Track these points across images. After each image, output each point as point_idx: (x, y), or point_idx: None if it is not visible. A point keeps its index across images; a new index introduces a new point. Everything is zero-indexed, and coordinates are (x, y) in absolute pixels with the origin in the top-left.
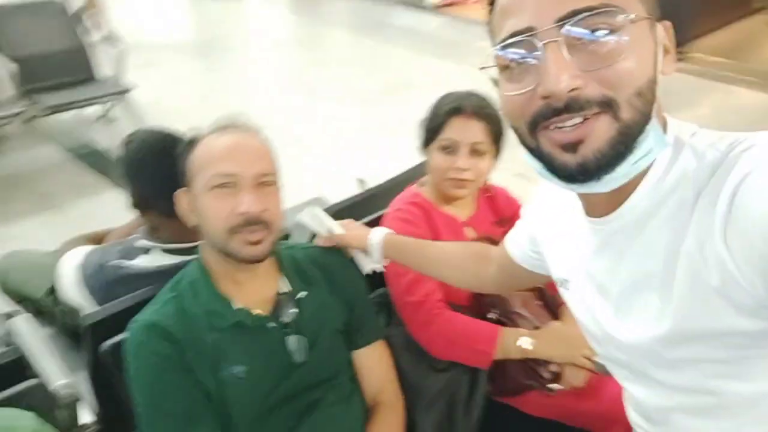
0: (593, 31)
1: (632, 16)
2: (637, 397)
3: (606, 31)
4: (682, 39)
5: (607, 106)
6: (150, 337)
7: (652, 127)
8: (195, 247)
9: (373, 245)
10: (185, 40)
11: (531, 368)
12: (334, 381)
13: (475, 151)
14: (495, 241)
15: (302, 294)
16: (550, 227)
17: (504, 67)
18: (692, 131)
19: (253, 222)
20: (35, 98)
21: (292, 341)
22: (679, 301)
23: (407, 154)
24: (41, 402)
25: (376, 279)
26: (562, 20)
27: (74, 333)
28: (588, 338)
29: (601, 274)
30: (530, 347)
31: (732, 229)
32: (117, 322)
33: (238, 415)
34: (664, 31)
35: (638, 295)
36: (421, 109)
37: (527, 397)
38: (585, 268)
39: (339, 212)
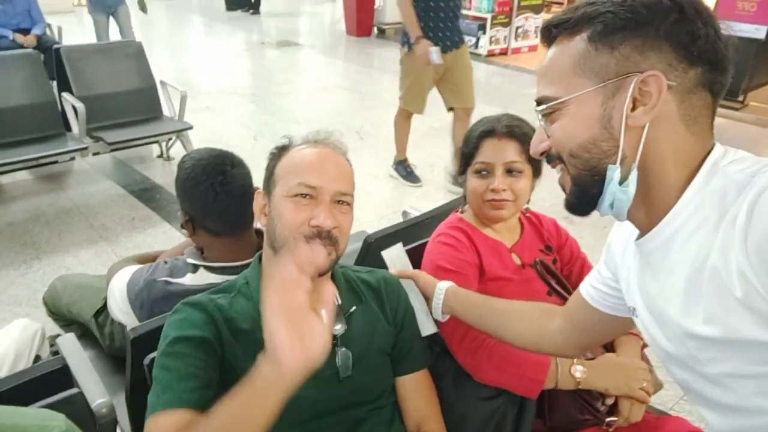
0: (540, 114)
1: (561, 100)
2: (711, 424)
3: (543, 113)
4: (741, 89)
5: (562, 161)
6: (191, 311)
7: (610, 177)
8: (240, 267)
9: (440, 290)
10: (242, 85)
11: (586, 401)
12: (377, 403)
13: (510, 171)
14: (546, 265)
15: (352, 309)
16: (621, 259)
17: None
18: (733, 158)
19: (322, 236)
20: (100, 135)
21: (339, 354)
22: (705, 312)
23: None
24: (79, 412)
25: None
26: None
27: (116, 357)
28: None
29: (645, 294)
30: (584, 376)
31: (752, 240)
32: (160, 337)
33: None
34: (641, 83)
35: (665, 308)
36: None
37: None
38: (638, 290)
39: (382, 239)
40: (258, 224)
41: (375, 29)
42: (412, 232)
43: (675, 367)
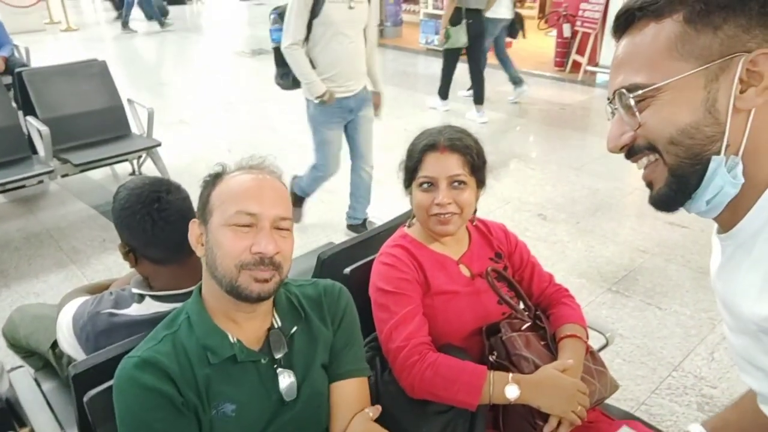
0: (628, 102)
1: (657, 86)
2: None
3: (634, 101)
4: None
5: (655, 150)
6: (143, 373)
7: (715, 169)
8: (187, 293)
9: None
10: (216, 96)
11: (531, 413)
12: (325, 429)
13: (454, 184)
14: (498, 271)
15: (293, 330)
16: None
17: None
18: None
19: (265, 262)
20: (67, 157)
21: (283, 377)
22: None
23: None
24: None
25: (372, 325)
26: (613, 95)
27: None
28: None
29: (725, 289)
30: (516, 395)
31: None
32: (104, 371)
33: None
34: (750, 63)
35: (740, 304)
36: None
37: None
38: (718, 285)
39: (348, 250)
40: None
41: None
42: (368, 246)
43: (746, 364)
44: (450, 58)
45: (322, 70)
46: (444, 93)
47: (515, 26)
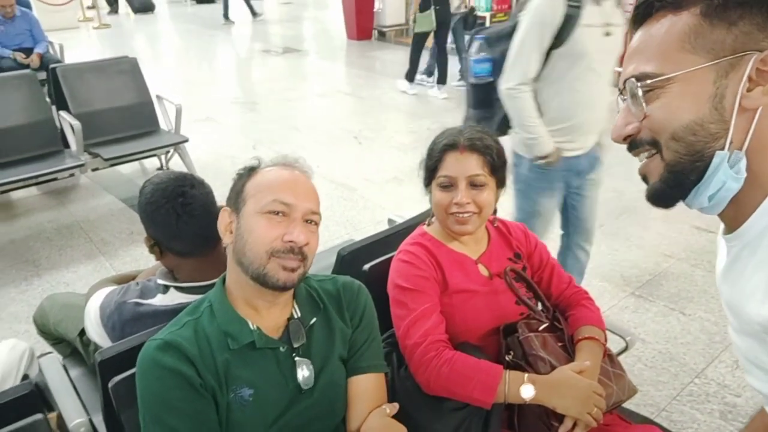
0: (636, 91)
1: (666, 76)
2: None
3: (642, 91)
4: None
5: (655, 146)
6: (164, 355)
7: (718, 165)
8: (210, 285)
9: None
10: (243, 94)
11: (547, 414)
12: (340, 420)
13: (473, 184)
14: (516, 271)
15: (312, 321)
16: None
17: None
18: None
19: (294, 251)
20: (97, 151)
21: (301, 366)
22: None
23: None
24: None
25: (389, 321)
26: (623, 85)
27: None
28: None
29: (730, 290)
30: (531, 395)
31: None
32: (129, 359)
33: None
34: (760, 62)
35: (745, 305)
36: None
37: None
38: (723, 286)
39: (367, 247)
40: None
41: (375, 32)
42: (388, 243)
43: (751, 366)
44: (418, 42)
45: (553, 120)
46: (411, 77)
47: (468, 19)
